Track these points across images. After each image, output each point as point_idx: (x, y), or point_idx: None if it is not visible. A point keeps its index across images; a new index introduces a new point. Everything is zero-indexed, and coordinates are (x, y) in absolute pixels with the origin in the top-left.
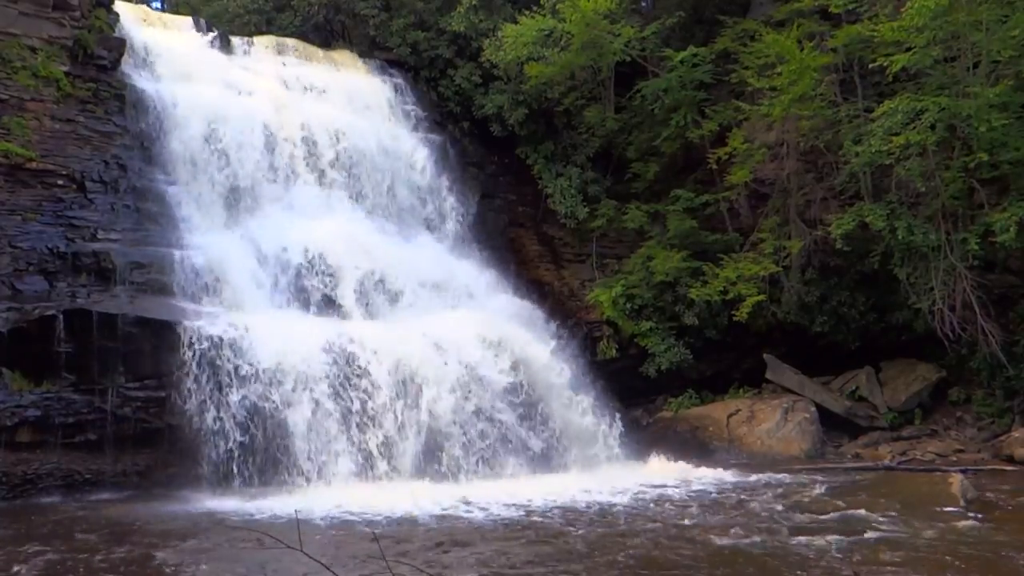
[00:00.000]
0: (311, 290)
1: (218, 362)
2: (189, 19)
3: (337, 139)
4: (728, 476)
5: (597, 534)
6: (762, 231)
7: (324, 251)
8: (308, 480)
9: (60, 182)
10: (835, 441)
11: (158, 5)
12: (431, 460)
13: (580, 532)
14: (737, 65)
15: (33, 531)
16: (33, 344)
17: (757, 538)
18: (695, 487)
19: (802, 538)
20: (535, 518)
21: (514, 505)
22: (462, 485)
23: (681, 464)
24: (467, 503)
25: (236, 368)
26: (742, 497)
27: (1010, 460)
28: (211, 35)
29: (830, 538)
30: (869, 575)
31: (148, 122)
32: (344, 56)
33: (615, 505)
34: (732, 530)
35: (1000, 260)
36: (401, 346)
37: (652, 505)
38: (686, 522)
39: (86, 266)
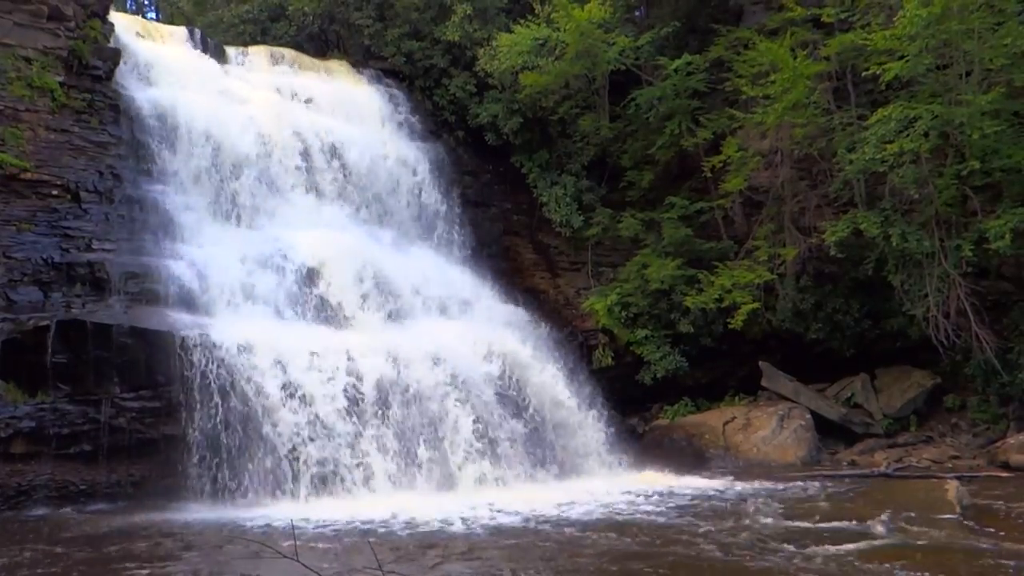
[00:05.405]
0: (306, 300)
1: (213, 372)
2: (184, 29)
3: (332, 148)
4: (724, 484)
5: (591, 543)
6: (757, 239)
7: (319, 261)
8: (305, 490)
9: (55, 192)
10: (831, 448)
11: (153, 15)
12: (427, 469)
13: (575, 541)
14: (731, 73)
15: (22, 540)
16: (27, 355)
17: (753, 546)
18: (691, 495)
19: (798, 546)
20: (530, 528)
21: (509, 514)
22: (458, 494)
23: (677, 472)
24: (462, 512)
25: (231, 378)
26: (738, 505)
27: (1005, 466)
28: (206, 45)
29: (826, 546)
30: None
31: (143, 132)
32: (339, 65)
33: (610, 513)
34: (728, 538)
35: (993, 267)
36: (397, 356)
37: (649, 514)
38: (681, 530)
39: (80, 276)
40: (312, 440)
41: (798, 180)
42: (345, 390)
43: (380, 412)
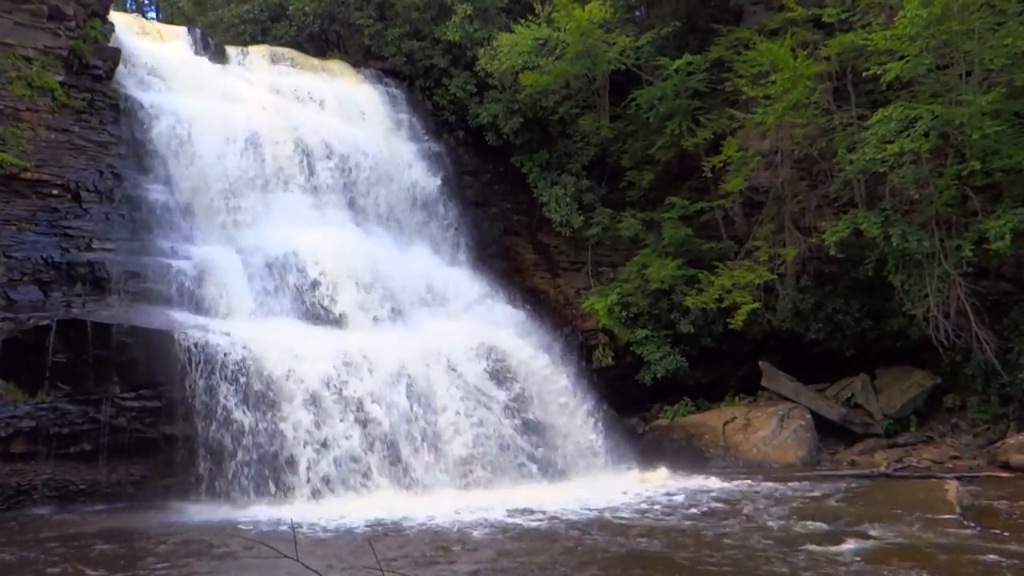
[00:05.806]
0: (306, 300)
1: (213, 372)
2: (184, 29)
3: (332, 148)
4: (724, 484)
5: (589, 543)
6: (757, 239)
7: (319, 261)
8: (305, 490)
9: (55, 192)
10: (831, 448)
11: (153, 15)
12: (427, 470)
13: (580, 543)
14: (731, 73)
15: (22, 540)
16: (27, 354)
17: (751, 546)
18: (691, 495)
19: (797, 546)
20: (533, 529)
21: (511, 515)
22: (460, 496)
23: (677, 472)
24: (464, 514)
25: (231, 378)
26: (738, 505)
27: (1006, 467)
28: (206, 45)
29: (827, 546)
30: None
31: (143, 132)
32: (339, 65)
33: (614, 515)
34: (726, 539)
35: (993, 267)
36: (398, 356)
37: (651, 515)
38: (684, 532)
39: (81, 276)
40: (311, 441)
41: (798, 180)
42: (344, 390)
43: (379, 413)
